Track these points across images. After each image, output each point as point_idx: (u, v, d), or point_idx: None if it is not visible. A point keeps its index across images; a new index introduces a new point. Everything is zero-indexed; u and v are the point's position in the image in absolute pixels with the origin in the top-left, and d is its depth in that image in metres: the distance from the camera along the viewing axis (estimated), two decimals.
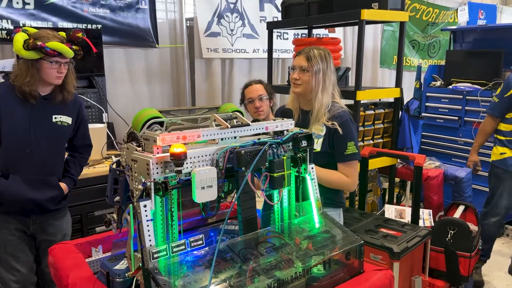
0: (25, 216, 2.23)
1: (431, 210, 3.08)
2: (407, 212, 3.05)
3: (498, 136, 3.31)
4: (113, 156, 3.14)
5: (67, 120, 2.25)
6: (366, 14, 2.86)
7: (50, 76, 2.09)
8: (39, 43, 1.99)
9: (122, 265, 1.44)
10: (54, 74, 2.09)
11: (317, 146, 2.02)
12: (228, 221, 1.61)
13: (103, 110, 3.44)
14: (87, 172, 2.85)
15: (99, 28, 3.51)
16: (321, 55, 2.02)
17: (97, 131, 3.13)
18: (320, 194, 1.86)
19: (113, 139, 3.36)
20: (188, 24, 4.16)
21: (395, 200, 3.67)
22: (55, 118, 2.21)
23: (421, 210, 2.97)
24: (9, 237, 2.21)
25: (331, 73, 2.05)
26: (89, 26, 3.50)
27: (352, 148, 2.00)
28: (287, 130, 1.56)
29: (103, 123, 3.34)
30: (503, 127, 3.28)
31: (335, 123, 1.99)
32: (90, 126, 3.13)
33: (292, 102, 2.19)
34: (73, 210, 2.53)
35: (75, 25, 3.44)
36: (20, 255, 2.24)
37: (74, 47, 2.11)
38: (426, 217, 3.01)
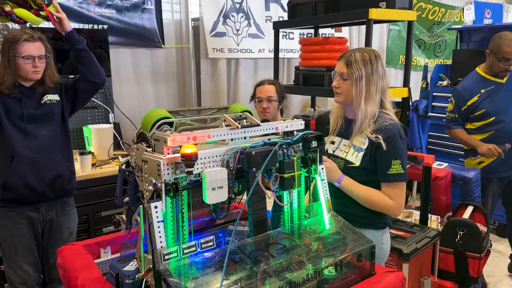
0: (35, 205, 2.24)
1: (439, 216, 3.05)
2: (415, 212, 3.02)
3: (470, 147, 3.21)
4: (119, 157, 3.14)
5: (54, 97, 2.30)
6: (374, 13, 2.84)
7: (28, 71, 2.14)
8: (7, 9, 2.03)
9: (131, 266, 1.43)
10: (30, 69, 2.14)
11: (356, 160, 1.82)
12: None
13: (109, 110, 3.44)
14: (94, 172, 2.85)
15: (105, 28, 3.51)
16: (365, 58, 1.78)
17: (103, 132, 3.13)
18: (357, 213, 1.83)
19: (119, 139, 3.36)
20: (193, 24, 4.15)
21: None
22: (43, 99, 2.25)
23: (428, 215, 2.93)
24: (20, 239, 2.22)
25: (379, 78, 1.80)
26: (95, 27, 3.50)
27: (397, 168, 1.76)
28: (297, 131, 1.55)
29: (110, 123, 3.34)
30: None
31: (379, 136, 1.77)
32: (97, 126, 3.16)
33: (337, 108, 1.99)
34: (80, 210, 2.54)
35: (81, 25, 3.44)
36: (29, 256, 2.26)
37: (42, 13, 2.12)
38: (434, 220, 2.99)
